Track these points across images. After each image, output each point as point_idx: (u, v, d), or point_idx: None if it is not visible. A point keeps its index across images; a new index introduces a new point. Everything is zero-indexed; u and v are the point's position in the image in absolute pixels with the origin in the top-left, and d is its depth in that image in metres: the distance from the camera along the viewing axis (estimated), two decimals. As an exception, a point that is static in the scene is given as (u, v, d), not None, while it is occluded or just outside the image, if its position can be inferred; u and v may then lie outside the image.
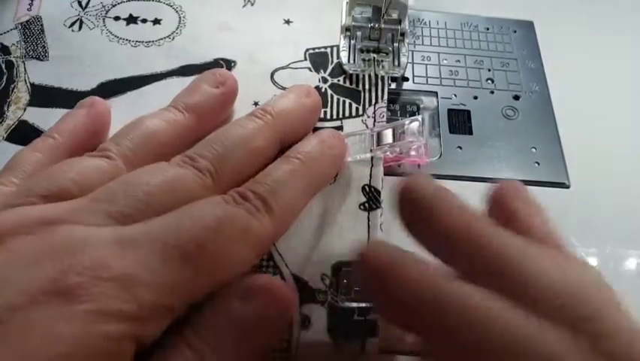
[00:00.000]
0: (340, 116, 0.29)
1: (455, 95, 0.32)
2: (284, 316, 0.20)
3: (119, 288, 0.16)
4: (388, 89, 0.30)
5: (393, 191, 0.20)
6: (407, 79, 0.33)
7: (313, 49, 0.32)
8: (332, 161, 0.25)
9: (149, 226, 0.18)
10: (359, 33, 0.32)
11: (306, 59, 0.32)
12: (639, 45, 0.36)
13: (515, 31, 0.36)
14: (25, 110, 0.29)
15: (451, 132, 0.31)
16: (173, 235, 0.18)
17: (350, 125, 0.28)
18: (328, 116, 0.29)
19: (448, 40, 0.35)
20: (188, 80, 0.27)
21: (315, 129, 0.28)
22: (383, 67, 0.31)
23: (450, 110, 0.32)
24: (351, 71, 0.30)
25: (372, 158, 0.27)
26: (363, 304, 0.22)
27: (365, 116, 0.29)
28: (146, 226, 0.18)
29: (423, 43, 0.35)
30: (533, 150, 0.30)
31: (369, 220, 0.25)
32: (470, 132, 0.31)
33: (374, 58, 0.31)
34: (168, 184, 0.20)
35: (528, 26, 0.37)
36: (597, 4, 0.39)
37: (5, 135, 0.28)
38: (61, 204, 0.19)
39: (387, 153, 0.25)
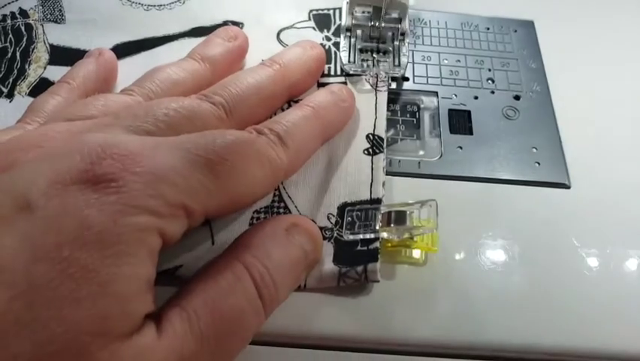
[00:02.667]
0: (344, 72, 0.31)
1: (455, 95, 0.32)
2: (317, 254, 0.22)
3: (147, 183, 0.17)
4: (389, 89, 0.30)
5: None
6: (407, 79, 0.33)
7: (317, 10, 0.34)
8: (342, 111, 0.27)
9: (173, 138, 0.19)
10: (359, 33, 0.32)
11: (310, 19, 0.33)
12: (640, 45, 0.36)
13: (516, 31, 0.36)
14: (45, 68, 0.31)
15: (451, 132, 0.30)
16: (195, 145, 0.19)
17: (353, 83, 0.30)
18: (332, 72, 0.30)
19: (448, 39, 0.35)
20: (198, 41, 0.30)
21: (321, 85, 0.29)
22: (383, 67, 0.31)
23: (450, 110, 0.32)
24: (351, 72, 0.30)
25: (375, 105, 0.29)
26: (367, 236, 0.24)
27: (368, 75, 0.30)
28: (170, 138, 0.19)
29: (423, 43, 0.35)
30: (534, 150, 0.30)
31: (372, 163, 0.27)
32: (470, 132, 0.31)
33: (374, 58, 0.31)
34: (186, 110, 0.22)
35: (529, 26, 0.37)
36: (598, 3, 0.39)
37: (27, 91, 0.30)
38: (85, 122, 0.21)
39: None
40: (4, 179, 0.17)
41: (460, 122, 0.31)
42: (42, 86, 0.29)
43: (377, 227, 0.24)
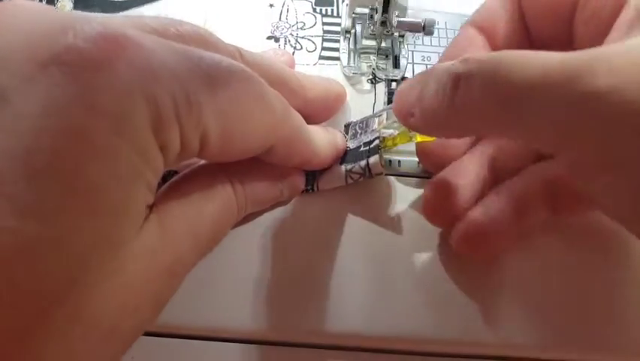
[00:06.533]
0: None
1: (455, 95, 0.32)
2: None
3: None
4: (388, 89, 0.31)
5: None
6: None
7: None
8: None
9: None
10: (359, 33, 0.32)
11: None
12: None
13: (516, 30, 0.36)
14: None
15: (451, 132, 0.31)
16: None
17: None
18: (334, 13, 0.34)
19: (448, 40, 0.35)
20: None
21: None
22: (383, 69, 0.31)
23: (450, 110, 0.32)
24: (351, 74, 0.30)
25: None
26: (368, 138, 0.27)
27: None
28: None
29: (423, 44, 0.35)
30: (533, 149, 0.30)
31: (375, 89, 0.31)
32: (470, 132, 0.31)
33: (374, 60, 0.31)
34: None
35: (528, 25, 0.37)
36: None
37: None
38: None
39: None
40: None
41: (460, 122, 0.31)
42: None
43: (376, 127, 0.27)
